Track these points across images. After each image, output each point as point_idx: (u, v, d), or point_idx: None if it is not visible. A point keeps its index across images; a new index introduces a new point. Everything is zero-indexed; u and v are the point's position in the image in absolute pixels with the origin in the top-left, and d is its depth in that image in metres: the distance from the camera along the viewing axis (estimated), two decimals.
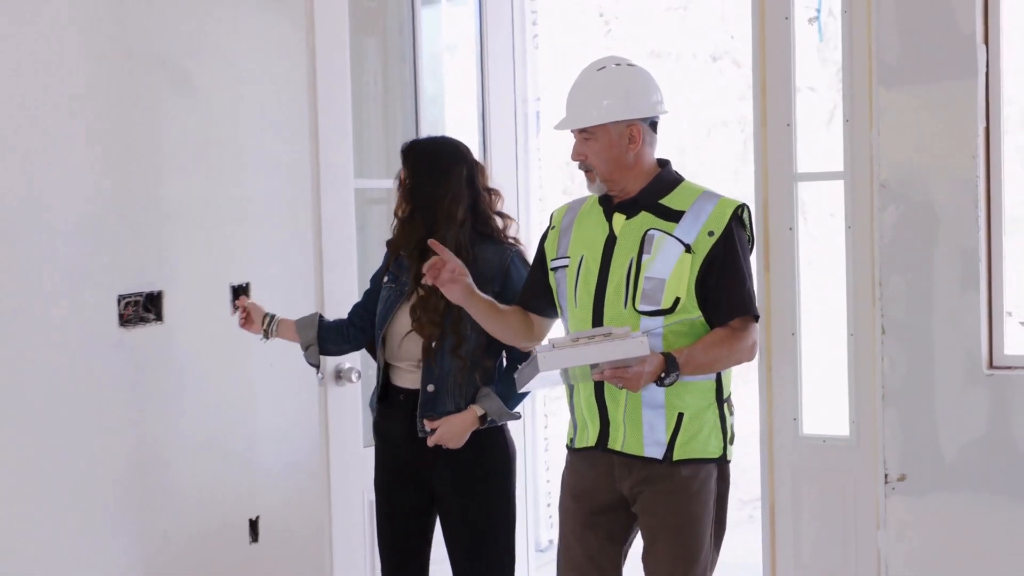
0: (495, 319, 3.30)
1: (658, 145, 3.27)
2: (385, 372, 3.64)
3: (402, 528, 3.66)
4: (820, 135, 9.15)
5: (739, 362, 3.18)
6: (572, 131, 3.19)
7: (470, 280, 3.21)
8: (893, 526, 4.19)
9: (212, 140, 4.09)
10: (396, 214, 3.60)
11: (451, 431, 3.49)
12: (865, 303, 4.23)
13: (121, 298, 3.79)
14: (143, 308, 3.88)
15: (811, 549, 4.39)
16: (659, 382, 2.99)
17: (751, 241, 3.22)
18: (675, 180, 3.20)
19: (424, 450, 3.54)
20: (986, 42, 4.06)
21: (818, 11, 5.68)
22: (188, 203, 4.01)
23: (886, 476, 4.19)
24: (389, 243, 3.64)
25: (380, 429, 3.67)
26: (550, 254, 3.30)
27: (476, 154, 4.86)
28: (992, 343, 4.12)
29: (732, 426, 3.25)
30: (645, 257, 3.09)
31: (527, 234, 4.89)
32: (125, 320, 3.81)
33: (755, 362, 4.48)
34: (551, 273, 3.28)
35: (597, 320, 3.13)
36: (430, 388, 3.52)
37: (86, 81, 3.74)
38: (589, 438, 3.21)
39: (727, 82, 14.83)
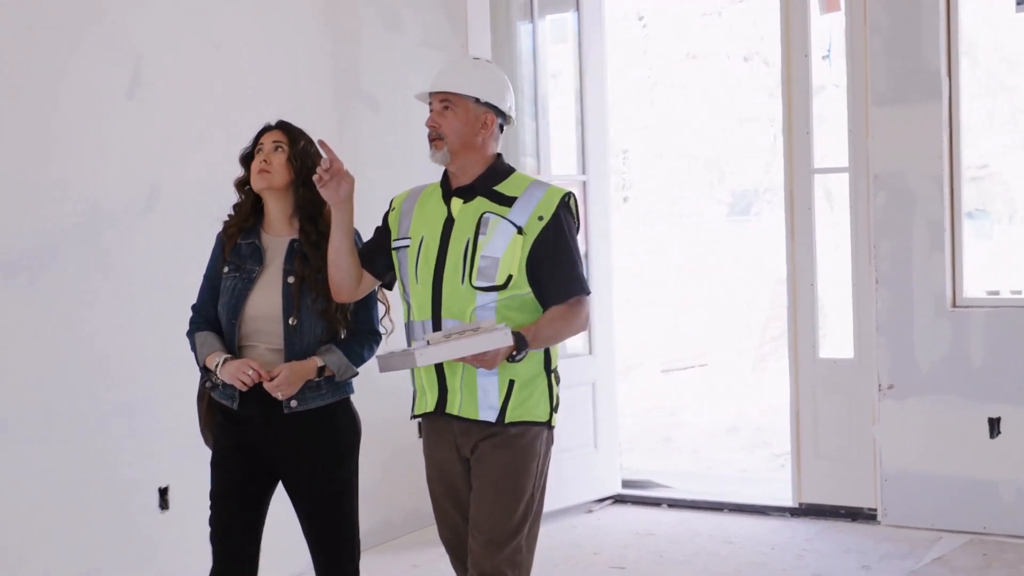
0: (349, 251, 3.24)
1: (500, 144, 3.32)
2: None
3: (238, 502, 3.41)
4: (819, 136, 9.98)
5: (576, 333, 3.24)
6: (433, 102, 3.21)
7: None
8: (884, 421, 5.26)
9: (391, 146, 5.41)
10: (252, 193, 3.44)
11: (290, 376, 3.27)
12: (864, 261, 5.36)
13: None
14: None
15: (826, 440, 5.48)
16: (511, 359, 3.04)
17: (577, 226, 3.22)
18: (508, 170, 3.24)
19: (274, 427, 3.36)
20: (949, 75, 5.15)
21: (828, 51, 7.07)
22: (376, 195, 4.93)
23: (879, 385, 5.26)
24: (231, 231, 3.46)
25: (235, 415, 3.39)
26: (394, 233, 3.30)
27: (575, 156, 5.98)
28: (955, 289, 5.19)
29: (558, 395, 3.25)
30: (481, 237, 3.12)
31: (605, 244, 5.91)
32: None
33: (784, 307, 5.68)
34: (393, 252, 3.29)
35: (436, 294, 3.15)
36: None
37: (312, 106, 5.04)
38: (427, 404, 3.21)
39: (758, 81, 15.46)
